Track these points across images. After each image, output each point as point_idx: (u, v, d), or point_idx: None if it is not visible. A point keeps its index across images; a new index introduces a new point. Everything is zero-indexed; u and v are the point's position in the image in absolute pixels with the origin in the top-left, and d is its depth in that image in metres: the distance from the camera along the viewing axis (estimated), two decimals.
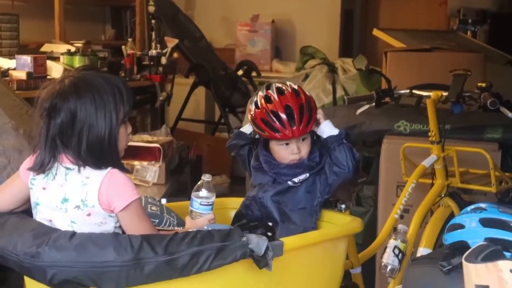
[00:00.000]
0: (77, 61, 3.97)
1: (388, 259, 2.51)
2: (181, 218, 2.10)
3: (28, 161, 1.71)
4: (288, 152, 2.06)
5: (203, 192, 1.86)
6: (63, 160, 1.66)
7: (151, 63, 4.50)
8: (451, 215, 2.70)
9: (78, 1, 5.34)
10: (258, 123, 2.06)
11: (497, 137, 3.17)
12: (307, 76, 4.08)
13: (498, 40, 5.10)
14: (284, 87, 2.07)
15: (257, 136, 2.16)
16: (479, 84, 2.53)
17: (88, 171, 1.64)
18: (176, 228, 1.97)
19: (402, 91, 2.75)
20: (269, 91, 2.07)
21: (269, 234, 1.70)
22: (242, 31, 5.97)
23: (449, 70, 2.62)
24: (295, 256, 1.80)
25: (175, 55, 4.71)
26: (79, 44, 4.31)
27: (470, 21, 5.85)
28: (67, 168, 1.65)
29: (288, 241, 1.74)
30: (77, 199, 1.63)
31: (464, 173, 2.82)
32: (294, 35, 6.18)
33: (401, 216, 2.62)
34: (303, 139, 2.07)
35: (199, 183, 1.89)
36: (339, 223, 2.06)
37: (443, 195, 2.68)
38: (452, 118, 2.97)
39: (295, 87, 2.09)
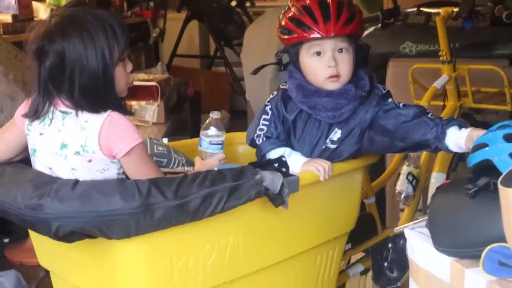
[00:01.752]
0: (64, 0, 3.78)
1: (402, 186, 2.44)
2: (188, 157, 2.01)
3: (23, 107, 1.60)
4: (323, 64, 1.70)
5: (212, 130, 1.75)
6: (58, 104, 1.54)
7: None
8: None
9: None
10: (285, 23, 1.73)
11: (507, 53, 3.07)
12: None
13: None
14: None
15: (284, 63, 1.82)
16: None
17: (86, 115, 1.52)
18: (186, 168, 1.87)
19: (409, 10, 2.62)
20: None
21: (283, 169, 1.59)
22: None
23: None
24: (311, 191, 1.71)
25: None
26: None
27: None
28: (64, 112, 1.54)
29: (304, 176, 1.65)
30: (77, 145, 1.52)
31: (476, 93, 2.71)
32: None
33: None
34: (342, 50, 1.71)
35: (207, 121, 1.77)
36: None
37: (455, 117, 2.58)
38: (460, 35, 2.85)
39: None
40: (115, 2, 4.23)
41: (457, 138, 1.64)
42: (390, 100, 1.79)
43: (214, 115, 1.78)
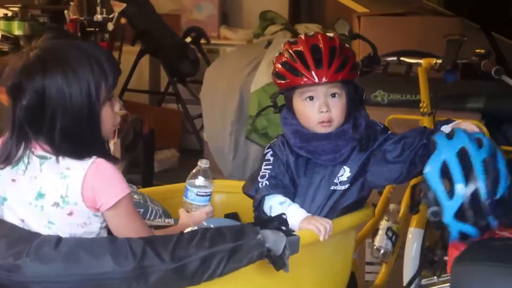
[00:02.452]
0: (16, 27, 3.58)
1: (382, 242, 2.34)
2: (163, 207, 1.85)
3: None
4: (315, 109, 1.68)
5: (200, 181, 1.60)
6: (35, 147, 1.36)
7: (97, 29, 4.13)
8: None
9: None
10: (278, 69, 1.71)
11: (479, 107, 3.05)
12: (269, 43, 3.82)
13: (453, 4, 4.97)
14: (315, 33, 1.78)
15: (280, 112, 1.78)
16: (478, 50, 2.34)
17: (68, 160, 1.35)
18: (165, 219, 1.70)
19: (389, 58, 2.54)
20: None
21: (283, 228, 1.46)
22: None
23: (443, 35, 2.43)
24: (308, 250, 1.57)
25: (123, 20, 4.35)
26: (15, 8, 3.90)
27: None
28: (42, 157, 1.36)
29: (304, 235, 1.51)
30: (56, 195, 1.34)
31: None
32: (241, 0, 5.88)
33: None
34: (334, 95, 1.69)
35: (194, 170, 1.62)
36: None
37: None
38: (431, 87, 2.81)
39: (331, 34, 1.79)
40: (68, 31, 4.03)
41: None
42: (389, 131, 1.79)
43: (203, 163, 1.64)
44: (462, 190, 1.48)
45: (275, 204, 1.66)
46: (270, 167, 1.72)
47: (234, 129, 3.68)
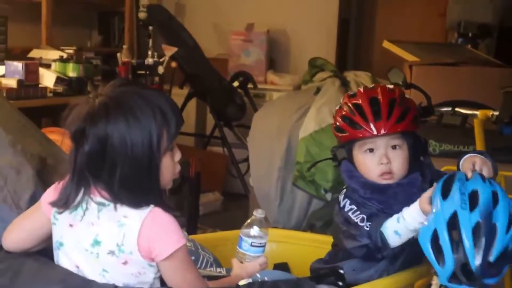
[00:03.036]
0: (71, 69, 3.65)
1: None
2: (214, 255, 1.83)
3: (52, 192, 1.41)
4: (375, 161, 1.67)
5: (255, 231, 1.57)
6: (94, 193, 1.36)
7: (147, 72, 4.19)
8: None
9: (66, 5, 5.01)
10: (338, 122, 1.71)
11: None
12: (318, 90, 3.80)
13: (503, 55, 4.92)
14: (375, 85, 1.77)
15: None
16: None
17: (125, 209, 1.34)
18: (217, 269, 1.68)
19: (444, 109, 2.51)
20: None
21: (340, 284, 1.42)
22: (236, 41, 5.68)
23: (500, 87, 2.40)
24: None
25: (173, 64, 4.41)
26: (70, 50, 3.99)
27: (470, 34, 5.71)
28: (100, 204, 1.35)
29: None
30: (112, 243, 1.33)
31: None
32: (288, 46, 5.93)
33: None
34: (395, 147, 1.67)
35: (249, 219, 1.60)
36: None
37: None
38: (486, 138, 2.76)
39: (391, 86, 1.77)
40: (120, 74, 4.10)
41: None
42: None
43: (258, 213, 1.61)
44: (450, 259, 1.45)
45: (392, 226, 1.59)
46: (359, 211, 1.67)
47: (281, 175, 3.63)
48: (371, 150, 1.68)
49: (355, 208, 1.68)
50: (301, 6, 5.78)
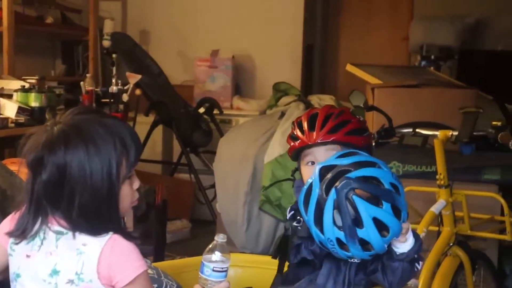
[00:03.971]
0: (33, 99, 3.61)
1: None
2: (177, 282, 1.81)
3: (9, 222, 1.39)
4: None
5: (217, 256, 1.56)
6: (52, 222, 1.34)
7: (112, 100, 4.17)
8: (460, 266, 2.49)
9: (28, 34, 4.99)
10: (288, 141, 1.80)
11: (495, 178, 3.01)
12: (282, 114, 3.83)
13: (465, 77, 5.01)
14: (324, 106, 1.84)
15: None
16: (494, 122, 2.34)
17: (84, 237, 1.32)
18: None
19: (405, 130, 2.54)
20: None
21: None
22: (201, 67, 5.69)
23: (459, 108, 2.44)
24: None
25: (138, 91, 4.40)
26: (32, 80, 3.96)
27: (433, 57, 5.82)
28: (58, 233, 1.33)
29: None
30: (71, 272, 1.31)
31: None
32: (254, 71, 5.96)
33: None
34: None
35: (211, 245, 1.58)
36: None
37: (451, 244, 2.47)
38: (448, 158, 2.79)
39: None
40: (84, 103, 4.08)
41: None
42: None
43: (220, 238, 1.60)
44: None
45: None
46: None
47: (248, 200, 3.64)
48: (312, 163, 1.73)
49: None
50: (265, 31, 5.83)
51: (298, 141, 1.74)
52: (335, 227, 1.52)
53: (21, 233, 1.35)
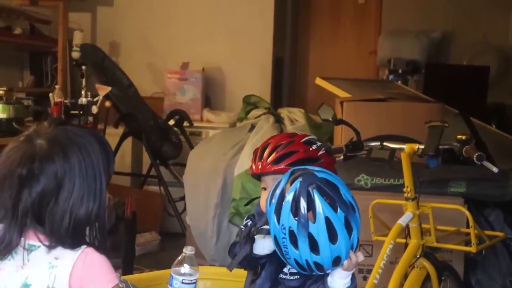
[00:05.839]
0: (0, 110, 3.58)
1: None
2: None
3: None
4: (264, 197, 1.80)
5: (186, 268, 1.58)
6: (29, 236, 1.33)
7: (81, 112, 4.15)
8: (427, 277, 2.52)
9: None
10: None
11: (461, 191, 3.07)
12: (252, 127, 3.85)
13: (431, 90, 5.10)
14: (289, 133, 1.95)
15: None
16: (459, 136, 2.39)
17: (58, 250, 1.32)
18: None
19: (372, 144, 2.58)
20: None
21: None
22: (171, 79, 5.70)
23: (424, 122, 2.47)
24: None
25: (107, 103, 4.38)
26: (0, 91, 3.92)
27: (400, 71, 5.92)
28: (31, 246, 1.32)
29: None
30: (42, 286, 1.31)
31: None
32: (224, 84, 5.99)
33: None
34: None
35: (179, 257, 1.60)
36: None
37: (418, 256, 2.50)
38: (415, 172, 2.84)
39: (299, 133, 1.92)
40: (52, 115, 4.05)
41: None
42: None
43: (188, 250, 1.62)
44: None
45: None
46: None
47: (217, 213, 3.65)
48: (265, 189, 1.83)
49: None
50: (236, 44, 5.86)
51: (250, 168, 1.87)
52: (291, 215, 1.56)
53: (3, 249, 1.33)
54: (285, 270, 1.76)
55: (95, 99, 4.25)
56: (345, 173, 3.11)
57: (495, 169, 2.28)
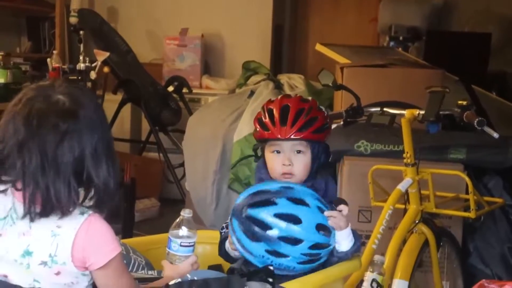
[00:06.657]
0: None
1: None
2: (146, 258, 1.81)
3: None
4: (279, 162, 1.78)
5: (184, 231, 1.57)
6: (37, 202, 1.30)
7: (79, 77, 4.12)
8: (426, 243, 2.53)
9: None
10: (254, 122, 1.86)
11: (461, 158, 3.05)
12: (252, 93, 3.83)
13: (432, 58, 5.06)
14: (294, 95, 1.88)
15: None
16: (460, 102, 2.37)
17: (60, 218, 1.30)
18: (148, 271, 1.66)
19: (372, 109, 2.56)
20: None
21: (270, 280, 1.43)
22: (170, 46, 5.65)
23: (425, 87, 2.45)
24: None
25: (106, 69, 4.35)
26: None
27: (401, 38, 5.86)
28: (34, 213, 1.30)
29: (291, 287, 1.48)
30: (44, 254, 1.29)
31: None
32: (223, 50, 5.94)
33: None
34: (299, 152, 1.79)
35: (177, 220, 1.59)
36: None
37: (417, 221, 2.50)
38: (415, 137, 2.82)
39: (309, 98, 1.88)
40: (50, 77, 4.02)
41: None
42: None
43: (186, 213, 1.61)
44: None
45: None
46: None
47: (217, 179, 3.65)
48: (278, 152, 1.80)
49: None
50: (235, 11, 5.81)
51: (268, 132, 1.79)
52: (252, 243, 1.59)
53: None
54: None
55: (93, 65, 4.22)
56: (344, 139, 3.10)
57: (495, 135, 2.27)
